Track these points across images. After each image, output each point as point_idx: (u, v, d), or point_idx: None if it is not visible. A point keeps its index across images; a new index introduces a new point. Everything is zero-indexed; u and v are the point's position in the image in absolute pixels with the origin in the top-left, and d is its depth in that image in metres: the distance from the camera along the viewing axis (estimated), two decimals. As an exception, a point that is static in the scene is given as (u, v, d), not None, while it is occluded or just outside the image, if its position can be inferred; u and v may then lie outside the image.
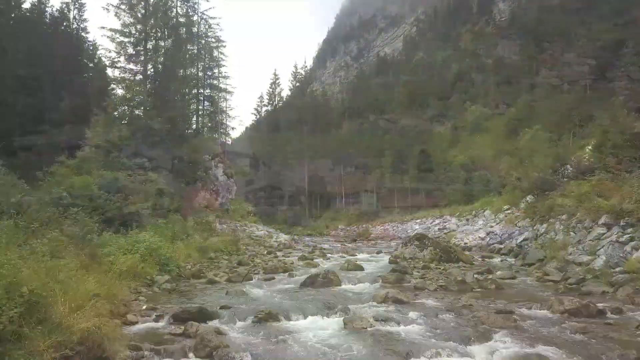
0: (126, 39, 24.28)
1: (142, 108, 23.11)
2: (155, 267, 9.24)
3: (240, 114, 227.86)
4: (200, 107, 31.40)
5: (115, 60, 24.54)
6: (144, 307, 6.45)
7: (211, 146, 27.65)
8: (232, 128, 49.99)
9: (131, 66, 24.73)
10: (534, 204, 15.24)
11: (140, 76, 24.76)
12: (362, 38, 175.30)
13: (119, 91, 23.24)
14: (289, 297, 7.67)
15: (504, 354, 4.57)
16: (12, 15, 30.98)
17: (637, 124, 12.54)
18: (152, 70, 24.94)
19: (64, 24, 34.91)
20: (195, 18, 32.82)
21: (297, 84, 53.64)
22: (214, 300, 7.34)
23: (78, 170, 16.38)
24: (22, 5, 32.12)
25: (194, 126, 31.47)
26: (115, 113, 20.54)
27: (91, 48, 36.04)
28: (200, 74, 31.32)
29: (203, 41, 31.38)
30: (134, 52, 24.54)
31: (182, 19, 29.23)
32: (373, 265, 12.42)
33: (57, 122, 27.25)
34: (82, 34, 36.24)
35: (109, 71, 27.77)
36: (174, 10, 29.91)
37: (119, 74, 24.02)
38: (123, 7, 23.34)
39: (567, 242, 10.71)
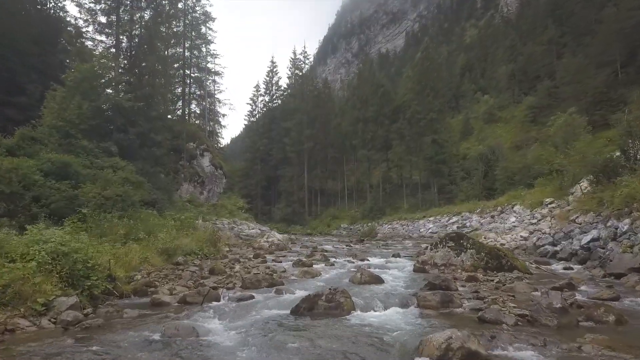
0: (97, 6, 20.96)
1: (113, 85, 19.76)
2: (61, 282, 5.88)
3: (231, 97, 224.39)
4: (187, 91, 27.99)
5: (84, 30, 21.25)
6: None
7: (196, 132, 24.27)
8: (223, 115, 46.73)
9: (102, 38, 21.45)
10: (596, 193, 11.88)
11: (113, 50, 21.46)
12: (363, 34, 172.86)
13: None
14: (267, 344, 4.28)
15: None
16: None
17: None
18: (126, 43, 21.60)
19: (39, 0, 31.73)
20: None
21: (296, 70, 49.94)
22: (125, 353, 3.97)
23: (12, 152, 13.02)
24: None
25: (179, 111, 28.18)
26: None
27: (72, 31, 32.90)
28: (187, 53, 27.93)
29: (190, 17, 27.93)
30: (105, 22, 21.22)
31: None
32: (394, 275, 9.05)
33: (25, 106, 24.08)
34: (61, 13, 33.03)
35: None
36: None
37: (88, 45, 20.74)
38: (90, -35, 20.12)
39: (683, 244, 7.31)
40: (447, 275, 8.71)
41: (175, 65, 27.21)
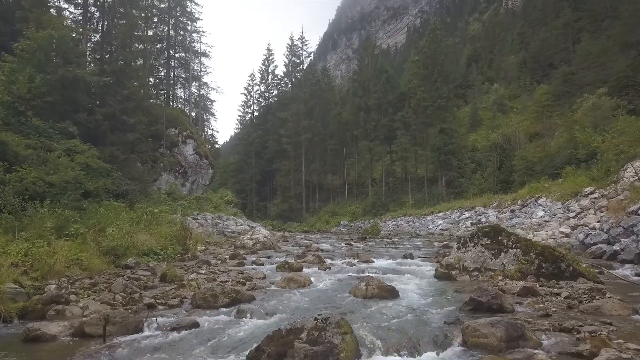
0: (62, -29, 18.41)
1: (77, 58, 17.21)
2: None
3: (218, 79, 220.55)
4: (171, 74, 25.43)
5: (48, -2, 18.72)
6: None
7: (179, 117, 21.72)
8: (212, 101, 44.16)
9: (71, 8, 18.92)
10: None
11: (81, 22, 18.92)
12: (364, 30, 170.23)
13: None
14: None
15: None
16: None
17: None
18: (97, 12, 19.05)
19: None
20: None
21: (293, 58, 47.23)
22: None
23: None
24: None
25: (164, 97, 25.61)
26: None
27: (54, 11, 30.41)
28: (171, 32, 25.35)
29: (175, -8, 25.37)
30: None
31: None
32: (412, 284, 6.56)
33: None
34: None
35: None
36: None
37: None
38: None
39: None
40: (485, 283, 6.23)
41: (158, 46, 24.69)
